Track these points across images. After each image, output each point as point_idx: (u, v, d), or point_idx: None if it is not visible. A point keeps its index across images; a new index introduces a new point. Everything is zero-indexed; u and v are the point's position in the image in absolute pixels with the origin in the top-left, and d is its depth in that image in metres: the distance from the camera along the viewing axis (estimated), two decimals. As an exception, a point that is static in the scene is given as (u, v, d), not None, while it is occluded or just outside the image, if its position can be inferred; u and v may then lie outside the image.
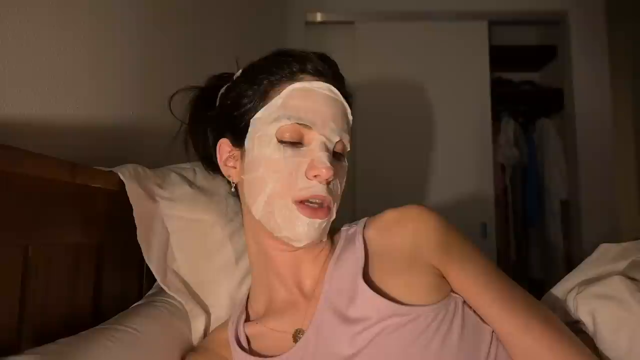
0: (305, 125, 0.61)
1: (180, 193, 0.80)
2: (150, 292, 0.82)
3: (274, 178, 0.60)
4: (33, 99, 0.67)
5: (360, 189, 2.37)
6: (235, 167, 0.68)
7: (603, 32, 2.46)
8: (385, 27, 2.47)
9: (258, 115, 0.63)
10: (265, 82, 0.64)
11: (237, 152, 0.67)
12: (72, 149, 0.73)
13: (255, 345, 0.67)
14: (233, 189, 0.70)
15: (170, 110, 0.78)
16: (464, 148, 2.38)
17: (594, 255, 0.74)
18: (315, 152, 0.60)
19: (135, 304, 0.75)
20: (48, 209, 0.61)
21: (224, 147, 0.69)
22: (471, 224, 2.29)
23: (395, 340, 0.55)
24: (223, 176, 0.72)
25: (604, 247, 0.74)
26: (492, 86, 2.44)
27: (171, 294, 0.74)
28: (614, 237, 0.74)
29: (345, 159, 0.67)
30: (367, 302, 0.58)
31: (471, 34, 2.46)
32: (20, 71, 0.64)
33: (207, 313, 0.78)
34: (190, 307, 0.75)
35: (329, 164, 0.58)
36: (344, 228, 0.71)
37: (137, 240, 0.72)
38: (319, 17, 2.49)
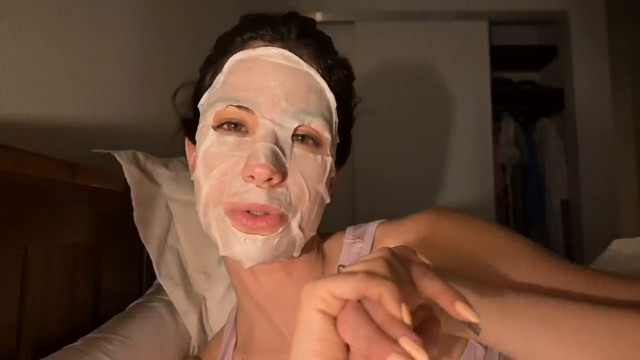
0: (245, 108, 0.46)
1: (185, 176, 0.80)
2: (149, 290, 0.82)
3: (208, 178, 0.47)
4: (33, 99, 0.67)
5: (359, 189, 2.37)
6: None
7: (603, 32, 2.46)
8: (385, 26, 2.47)
9: (202, 100, 0.51)
10: (216, 57, 0.51)
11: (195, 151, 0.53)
12: (72, 148, 0.73)
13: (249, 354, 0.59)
14: None
15: (176, 109, 0.63)
16: (464, 148, 2.38)
17: (609, 252, 0.66)
18: (255, 144, 0.45)
19: (132, 305, 0.75)
20: (48, 209, 0.61)
21: (188, 147, 0.57)
22: (471, 224, 2.28)
23: None
24: None
25: (618, 242, 0.66)
26: (492, 86, 2.44)
27: (160, 280, 0.74)
28: (615, 236, 0.71)
29: (327, 154, 0.49)
30: None
31: (471, 34, 2.46)
32: (20, 71, 0.64)
33: (198, 305, 0.77)
34: (176, 297, 0.73)
35: (264, 160, 0.43)
36: (346, 239, 0.56)
37: (137, 240, 0.72)
38: (319, 17, 2.49)
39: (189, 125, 0.55)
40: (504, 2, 2.50)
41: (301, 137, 0.47)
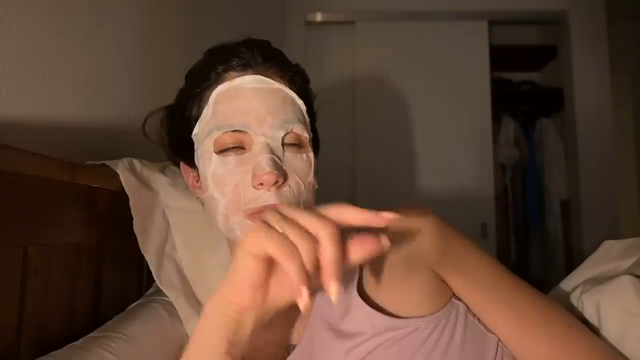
0: (240, 131, 0.55)
1: (182, 181, 0.80)
2: (149, 291, 0.82)
3: (223, 194, 0.55)
4: (33, 99, 0.67)
5: (360, 189, 2.37)
6: (200, 188, 0.62)
7: (603, 32, 2.46)
8: (385, 27, 2.47)
9: (196, 130, 0.59)
10: (198, 90, 0.59)
11: (196, 172, 0.62)
12: (72, 148, 0.73)
13: (247, 358, 0.64)
14: (204, 210, 0.64)
15: (147, 136, 0.71)
16: (464, 148, 2.38)
17: (598, 252, 0.71)
18: (256, 158, 0.54)
19: (133, 305, 0.75)
20: (48, 209, 0.61)
21: (185, 170, 0.65)
22: (471, 224, 2.29)
23: (392, 355, 0.53)
24: None
25: (607, 243, 0.71)
26: (492, 86, 2.44)
27: (162, 288, 0.74)
28: (615, 236, 0.73)
29: (309, 150, 0.59)
30: (362, 317, 0.55)
31: (471, 34, 2.46)
32: (20, 71, 0.64)
33: (199, 311, 0.77)
34: (179, 305, 0.74)
35: (268, 168, 0.52)
36: None
37: (137, 240, 0.72)
38: (319, 17, 2.49)
39: (184, 151, 0.62)
40: (504, 2, 2.50)
41: (288, 144, 0.56)
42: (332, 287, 0.37)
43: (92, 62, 0.81)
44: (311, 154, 0.59)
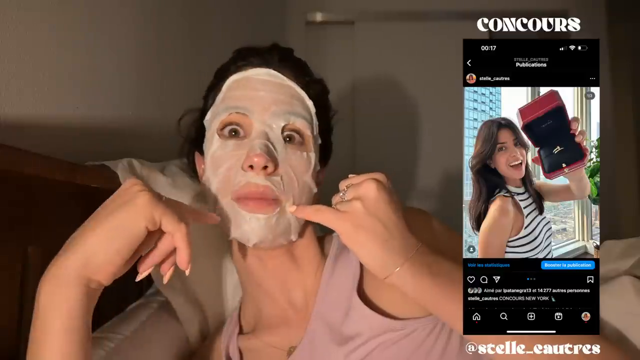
0: (243, 114, 0.57)
1: (181, 181, 0.80)
2: (149, 291, 0.82)
3: (215, 175, 0.57)
4: (33, 99, 0.67)
5: (360, 189, 2.37)
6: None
7: (603, 32, 2.46)
8: (385, 27, 2.47)
9: (208, 116, 0.61)
10: (216, 82, 0.63)
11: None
12: (72, 149, 0.73)
13: (248, 359, 0.64)
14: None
15: (180, 134, 0.72)
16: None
17: (600, 252, 0.72)
18: (252, 141, 0.55)
19: (133, 305, 0.75)
20: (48, 209, 0.61)
21: (198, 160, 0.66)
22: (471, 224, 2.28)
23: (391, 356, 0.53)
24: None
25: (608, 244, 0.71)
26: (492, 86, 2.44)
27: (160, 288, 0.74)
28: (615, 236, 0.73)
29: (311, 150, 0.59)
30: (361, 318, 0.56)
31: (471, 34, 2.46)
32: (20, 71, 0.64)
33: (199, 313, 0.77)
34: (179, 306, 0.74)
35: (259, 151, 0.53)
36: (335, 233, 0.67)
37: (137, 240, 0.72)
38: (319, 17, 2.49)
39: (198, 140, 0.64)
40: (504, 2, 2.50)
41: (289, 138, 0.57)
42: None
43: (91, 62, 0.81)
44: (312, 155, 0.59)
